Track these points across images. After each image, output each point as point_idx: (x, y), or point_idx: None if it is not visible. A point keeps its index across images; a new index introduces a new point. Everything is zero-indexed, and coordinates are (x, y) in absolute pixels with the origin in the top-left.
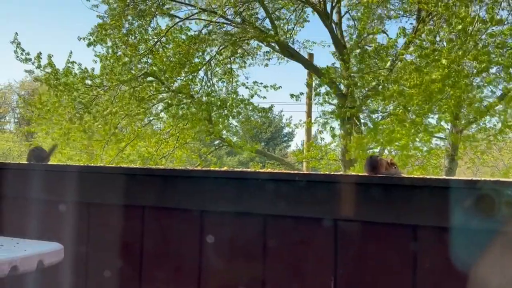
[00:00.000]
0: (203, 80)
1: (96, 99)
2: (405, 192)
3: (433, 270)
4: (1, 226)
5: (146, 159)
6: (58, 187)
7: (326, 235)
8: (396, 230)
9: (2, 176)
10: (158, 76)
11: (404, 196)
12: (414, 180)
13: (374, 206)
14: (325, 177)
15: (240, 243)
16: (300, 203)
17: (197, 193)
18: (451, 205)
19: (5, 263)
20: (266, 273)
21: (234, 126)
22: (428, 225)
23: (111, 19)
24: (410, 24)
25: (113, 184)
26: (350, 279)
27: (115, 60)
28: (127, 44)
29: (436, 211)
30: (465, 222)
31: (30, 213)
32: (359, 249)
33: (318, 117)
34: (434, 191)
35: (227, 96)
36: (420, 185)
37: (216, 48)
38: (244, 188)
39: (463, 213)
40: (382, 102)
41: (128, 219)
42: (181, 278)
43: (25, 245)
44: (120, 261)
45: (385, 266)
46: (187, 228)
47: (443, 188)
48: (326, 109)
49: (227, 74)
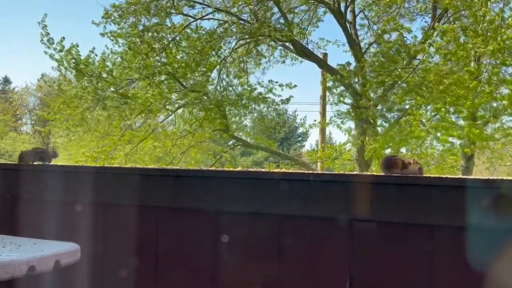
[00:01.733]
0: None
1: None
2: (421, 192)
3: (449, 270)
4: (18, 227)
5: (159, 158)
6: (74, 187)
7: (341, 235)
8: (412, 230)
9: (18, 177)
10: (173, 74)
11: (420, 196)
12: (430, 179)
13: (389, 205)
14: (339, 177)
15: (255, 243)
16: (315, 203)
17: (211, 193)
18: (467, 205)
19: (23, 263)
20: (281, 273)
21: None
22: (445, 225)
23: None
24: (425, 22)
25: (128, 184)
26: (365, 279)
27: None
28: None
29: (452, 211)
30: (482, 222)
31: (47, 214)
32: (374, 249)
33: (333, 116)
34: (450, 191)
35: (243, 90)
36: (436, 184)
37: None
38: (259, 188)
39: (480, 213)
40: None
41: (142, 219)
42: (196, 278)
43: (42, 246)
44: (135, 260)
45: (401, 266)
46: (201, 228)
47: (460, 187)
48: (341, 108)
49: (241, 73)
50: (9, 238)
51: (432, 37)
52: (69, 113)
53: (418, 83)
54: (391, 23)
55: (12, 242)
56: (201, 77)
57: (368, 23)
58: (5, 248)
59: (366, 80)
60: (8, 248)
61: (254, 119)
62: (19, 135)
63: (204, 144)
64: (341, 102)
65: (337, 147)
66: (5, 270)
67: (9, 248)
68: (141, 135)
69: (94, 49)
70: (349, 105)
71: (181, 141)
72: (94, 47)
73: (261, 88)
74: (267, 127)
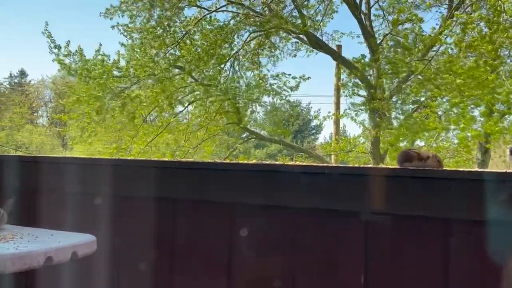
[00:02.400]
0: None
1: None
2: (438, 185)
3: (467, 264)
4: (36, 219)
5: (174, 151)
6: (92, 180)
7: (357, 228)
8: (429, 224)
9: (36, 169)
10: (185, 68)
11: (437, 189)
12: (447, 172)
13: (406, 199)
14: (355, 170)
15: (271, 236)
16: (330, 196)
17: (227, 186)
18: (485, 198)
19: (40, 254)
20: (296, 266)
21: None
22: (462, 219)
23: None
24: (440, 13)
25: (145, 177)
26: (381, 273)
27: (143, 51)
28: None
29: (469, 204)
30: (500, 215)
31: (64, 206)
32: (390, 243)
33: (347, 109)
34: (467, 184)
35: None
36: (453, 177)
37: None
38: (274, 181)
39: (498, 206)
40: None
41: (159, 211)
42: (212, 270)
43: (59, 237)
44: (152, 253)
45: (417, 259)
46: (217, 221)
47: (477, 180)
48: (355, 101)
49: (254, 66)
50: (26, 229)
51: (450, 27)
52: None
53: (434, 74)
54: (406, 13)
55: (30, 233)
56: (213, 70)
57: (383, 13)
58: (22, 239)
59: (381, 71)
60: (25, 239)
61: (268, 112)
62: (35, 127)
63: (217, 137)
64: (355, 94)
65: (351, 140)
66: (23, 261)
67: (27, 239)
68: (156, 130)
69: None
70: (363, 97)
71: (194, 135)
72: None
73: (274, 81)
74: (280, 119)
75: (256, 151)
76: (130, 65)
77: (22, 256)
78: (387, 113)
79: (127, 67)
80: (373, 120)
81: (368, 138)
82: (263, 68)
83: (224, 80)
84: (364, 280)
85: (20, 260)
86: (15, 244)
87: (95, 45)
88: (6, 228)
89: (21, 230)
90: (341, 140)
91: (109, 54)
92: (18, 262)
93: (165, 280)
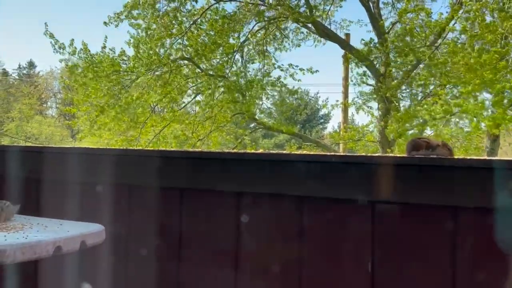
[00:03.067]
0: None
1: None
2: (444, 173)
3: (473, 252)
4: (45, 209)
5: (182, 141)
6: (99, 170)
7: (362, 216)
8: (435, 212)
9: (43, 159)
10: (193, 59)
11: (443, 177)
12: (454, 161)
13: (411, 187)
14: (360, 158)
15: (276, 224)
16: (336, 184)
17: (232, 175)
18: (493, 186)
19: (50, 243)
20: (302, 254)
21: (268, 108)
22: (468, 207)
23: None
24: None
25: (152, 166)
26: (387, 260)
27: (150, 43)
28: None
29: (476, 192)
30: (508, 203)
31: (73, 196)
32: (397, 231)
33: (356, 97)
34: (474, 172)
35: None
36: (460, 166)
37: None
38: (279, 170)
39: (506, 194)
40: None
41: (166, 201)
42: (219, 258)
43: (68, 226)
44: (159, 241)
45: (423, 247)
46: (223, 209)
47: (483, 168)
48: (363, 89)
49: (261, 56)
50: (36, 219)
51: (457, 14)
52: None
53: (443, 62)
54: (412, 3)
55: (39, 223)
56: (221, 59)
57: (391, 1)
58: (32, 229)
59: (389, 59)
60: (35, 229)
61: (275, 102)
62: (44, 118)
63: (225, 127)
64: (363, 83)
65: (360, 129)
66: (32, 250)
67: (36, 229)
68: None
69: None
70: (371, 86)
71: (202, 126)
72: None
73: (281, 72)
74: (287, 110)
75: (264, 140)
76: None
77: (31, 246)
78: (395, 101)
79: (135, 57)
80: (382, 109)
81: (377, 127)
82: (271, 58)
83: (232, 71)
84: (372, 268)
85: (29, 250)
86: (24, 233)
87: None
88: (15, 219)
89: (30, 220)
90: (350, 129)
91: (114, 47)
92: (28, 252)
93: (171, 268)
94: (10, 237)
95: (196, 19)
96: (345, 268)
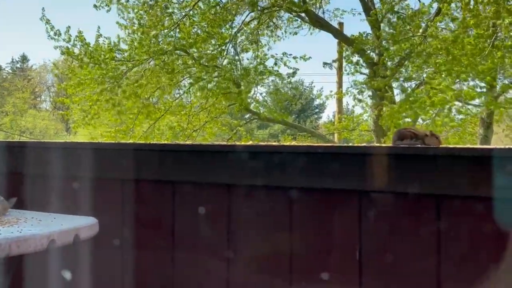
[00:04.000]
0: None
1: (127, 73)
2: (430, 163)
3: (458, 239)
4: (40, 203)
5: (177, 133)
6: (94, 164)
7: (351, 206)
8: (421, 200)
9: (44, 154)
10: (186, 50)
11: (429, 166)
12: (438, 150)
13: (398, 176)
14: (348, 149)
15: (268, 215)
16: (325, 175)
17: (224, 167)
18: (478, 174)
19: (44, 237)
20: (293, 243)
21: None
22: (455, 195)
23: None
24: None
25: (145, 160)
26: (375, 248)
27: (142, 33)
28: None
29: (462, 181)
30: (494, 192)
31: (67, 190)
32: (383, 219)
33: (350, 87)
34: (460, 161)
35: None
36: (444, 154)
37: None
38: (271, 162)
39: (492, 183)
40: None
41: (159, 193)
42: (213, 247)
43: (61, 220)
44: (153, 233)
45: (412, 235)
46: (215, 201)
47: (469, 157)
48: (357, 78)
49: (253, 45)
50: (30, 213)
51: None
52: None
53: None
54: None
55: (33, 217)
56: (213, 50)
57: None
58: (26, 223)
59: (383, 48)
60: (29, 222)
61: (270, 92)
62: (38, 112)
63: (220, 119)
64: (357, 72)
65: (354, 118)
66: (27, 244)
67: (30, 223)
68: (158, 112)
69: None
70: (365, 75)
71: (197, 117)
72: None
73: (275, 61)
74: (282, 100)
75: (259, 131)
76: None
77: (26, 239)
78: (389, 90)
79: (129, 48)
80: (376, 98)
81: (371, 116)
82: (264, 47)
83: (225, 62)
84: (359, 255)
85: (24, 243)
86: (19, 227)
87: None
88: (10, 213)
89: (25, 214)
90: (344, 119)
91: (109, 36)
92: (22, 245)
93: (166, 257)
94: (4, 231)
95: (189, 10)
96: (334, 255)
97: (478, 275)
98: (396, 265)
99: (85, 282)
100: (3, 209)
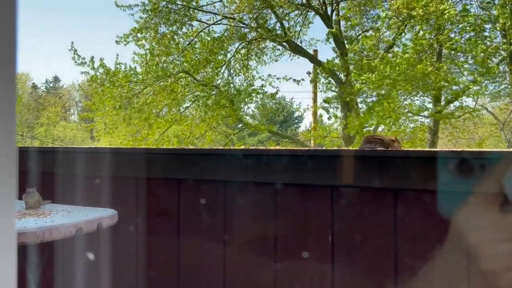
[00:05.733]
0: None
1: (139, 93)
2: (388, 162)
3: (412, 222)
4: (71, 198)
5: (181, 140)
6: (113, 165)
7: (325, 198)
8: (381, 193)
9: (74, 158)
10: (189, 72)
11: (388, 166)
12: (395, 152)
13: (363, 173)
14: (322, 152)
15: (257, 207)
16: (304, 173)
17: (220, 167)
18: (427, 172)
19: (72, 225)
20: (278, 230)
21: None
22: (408, 188)
23: (145, 25)
24: None
25: (155, 161)
26: (344, 231)
27: (152, 61)
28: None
29: (414, 177)
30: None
31: (92, 187)
32: (352, 209)
33: (322, 102)
34: (412, 161)
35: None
36: (401, 156)
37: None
38: (259, 162)
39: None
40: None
41: (167, 189)
42: (212, 232)
43: (87, 211)
44: (162, 221)
45: (374, 222)
46: (214, 194)
47: (419, 158)
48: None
49: (244, 69)
50: (61, 206)
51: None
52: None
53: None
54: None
55: (64, 209)
56: (211, 73)
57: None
58: (57, 214)
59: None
60: (60, 214)
61: (257, 107)
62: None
63: (217, 128)
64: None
65: (327, 127)
66: (58, 231)
67: (61, 214)
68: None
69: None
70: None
71: (198, 127)
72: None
73: (262, 81)
74: (268, 113)
75: (249, 138)
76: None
77: (57, 227)
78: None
79: (143, 72)
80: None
81: (340, 125)
82: (253, 71)
83: (220, 83)
84: (331, 239)
85: (56, 231)
86: (51, 218)
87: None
88: (44, 206)
89: (56, 207)
90: (318, 128)
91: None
92: (54, 232)
93: (172, 241)
94: (40, 221)
95: (192, 40)
96: (311, 238)
97: (428, 251)
98: (361, 245)
99: (107, 261)
100: (39, 202)
